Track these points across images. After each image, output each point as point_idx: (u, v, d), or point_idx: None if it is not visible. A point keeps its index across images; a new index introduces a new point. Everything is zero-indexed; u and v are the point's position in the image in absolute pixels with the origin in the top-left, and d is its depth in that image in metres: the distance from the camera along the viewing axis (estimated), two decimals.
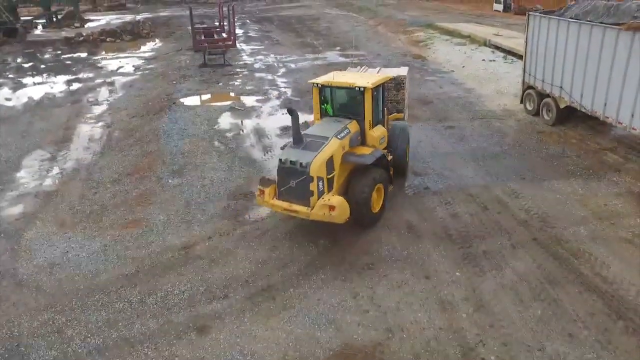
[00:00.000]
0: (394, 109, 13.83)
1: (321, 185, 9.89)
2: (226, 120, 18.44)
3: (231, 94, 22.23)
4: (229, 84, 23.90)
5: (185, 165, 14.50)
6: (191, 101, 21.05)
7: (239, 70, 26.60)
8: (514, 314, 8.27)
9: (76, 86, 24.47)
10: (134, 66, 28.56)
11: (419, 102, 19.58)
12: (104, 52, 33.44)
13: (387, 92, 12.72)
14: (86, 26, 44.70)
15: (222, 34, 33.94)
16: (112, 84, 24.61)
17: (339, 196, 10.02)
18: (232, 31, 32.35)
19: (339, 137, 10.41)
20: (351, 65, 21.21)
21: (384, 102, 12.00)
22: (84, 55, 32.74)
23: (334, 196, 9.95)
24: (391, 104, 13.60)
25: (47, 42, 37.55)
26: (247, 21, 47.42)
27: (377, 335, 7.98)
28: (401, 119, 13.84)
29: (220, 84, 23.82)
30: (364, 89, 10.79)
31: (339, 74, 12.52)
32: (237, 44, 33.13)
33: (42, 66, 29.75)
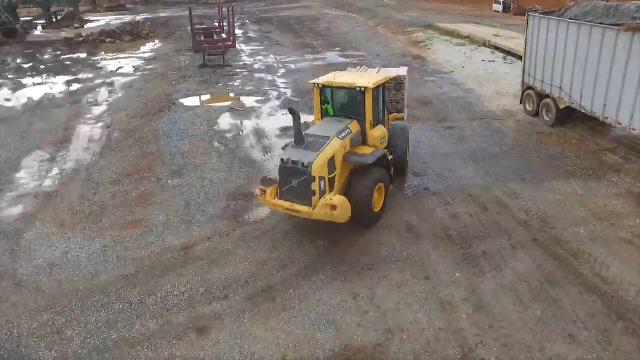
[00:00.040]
0: (393, 109, 13.84)
1: (323, 185, 9.91)
2: (226, 121, 18.44)
3: (231, 95, 22.24)
4: (228, 84, 23.90)
5: (185, 166, 14.49)
6: (191, 102, 21.05)
7: (238, 70, 26.60)
8: (514, 314, 8.28)
9: (76, 87, 24.47)
10: (133, 67, 28.58)
11: (418, 102, 19.59)
12: (103, 53, 33.45)
13: (387, 92, 12.74)
14: (86, 27, 44.75)
15: (222, 35, 33.99)
16: (111, 84, 24.62)
17: (340, 196, 10.05)
18: (232, 32, 32.39)
19: (341, 137, 10.44)
20: (351, 65, 21.20)
21: (384, 102, 12.03)
22: (83, 55, 32.76)
23: (335, 196, 9.97)
24: (390, 104, 13.62)
25: (47, 43, 37.58)
26: (247, 22, 47.47)
27: (377, 336, 7.98)
28: (401, 119, 13.86)
29: (220, 85, 23.82)
30: (365, 89, 10.82)
31: (340, 74, 12.55)
32: (237, 45, 33.17)
33: (42, 67, 29.77)
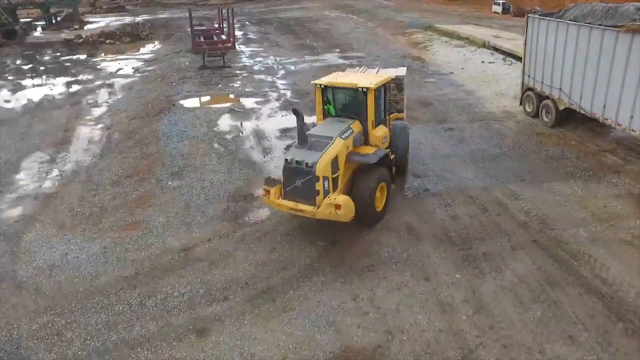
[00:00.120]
0: (393, 109, 13.85)
1: (327, 184, 9.96)
2: (226, 122, 18.44)
3: (231, 96, 22.25)
4: (228, 85, 23.91)
5: (184, 167, 14.49)
6: (190, 103, 21.05)
7: (238, 72, 26.61)
8: (513, 315, 8.28)
9: (75, 88, 24.48)
10: (133, 68, 28.58)
11: (418, 103, 19.60)
12: (103, 54, 33.45)
13: (389, 93, 12.76)
14: (85, 28, 44.76)
15: (222, 36, 33.96)
16: (111, 85, 24.63)
17: (344, 195, 10.09)
18: (232, 33, 32.38)
19: (343, 137, 10.49)
20: (349, 66, 21.18)
21: (386, 102, 12.06)
22: (83, 57, 32.76)
23: (339, 195, 10.02)
24: (390, 104, 13.61)
25: (46, 44, 37.58)
26: (246, 23, 47.48)
27: (377, 337, 7.98)
28: (401, 119, 13.88)
29: (219, 86, 23.82)
30: (366, 89, 10.86)
31: (341, 74, 12.58)
32: (237, 46, 33.15)
33: (42, 68, 29.78)
